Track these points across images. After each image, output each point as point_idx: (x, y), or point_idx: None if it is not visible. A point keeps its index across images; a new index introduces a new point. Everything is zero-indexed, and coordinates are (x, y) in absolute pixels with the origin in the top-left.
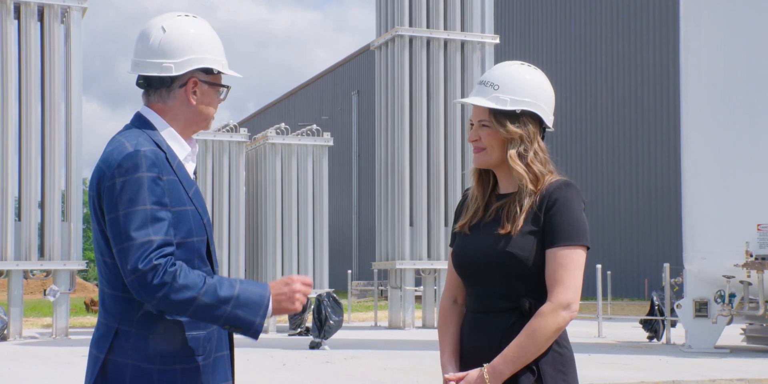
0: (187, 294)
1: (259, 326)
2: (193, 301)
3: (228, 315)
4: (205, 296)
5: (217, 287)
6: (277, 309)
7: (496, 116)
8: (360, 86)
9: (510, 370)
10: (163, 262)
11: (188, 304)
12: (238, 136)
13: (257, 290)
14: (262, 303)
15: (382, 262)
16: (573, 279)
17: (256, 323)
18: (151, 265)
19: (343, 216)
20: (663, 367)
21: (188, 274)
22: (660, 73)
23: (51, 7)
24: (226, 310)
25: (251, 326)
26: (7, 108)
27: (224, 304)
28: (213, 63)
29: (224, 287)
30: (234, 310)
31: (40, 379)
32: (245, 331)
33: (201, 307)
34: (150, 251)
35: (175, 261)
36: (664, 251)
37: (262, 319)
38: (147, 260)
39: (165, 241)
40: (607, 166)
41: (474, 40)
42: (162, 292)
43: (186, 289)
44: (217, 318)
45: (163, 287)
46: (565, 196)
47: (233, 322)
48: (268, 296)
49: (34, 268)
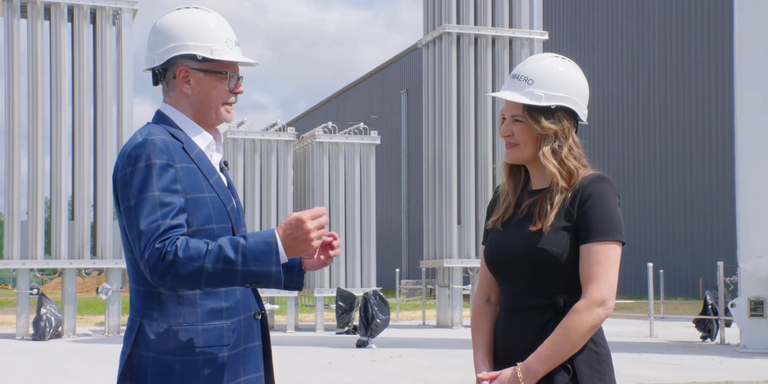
0: (194, 266)
1: (278, 274)
2: (201, 270)
3: (242, 274)
4: (210, 263)
5: (221, 250)
6: (292, 252)
7: (530, 112)
8: (409, 85)
9: (544, 369)
10: (165, 244)
11: (198, 275)
12: (286, 136)
13: (262, 239)
14: (271, 250)
15: (430, 260)
16: (608, 275)
17: (273, 272)
18: (153, 248)
19: (393, 215)
20: (716, 367)
21: (188, 247)
22: (714, 69)
23: (103, 9)
24: (237, 270)
25: (270, 277)
26: (61, 110)
27: (233, 265)
28: (197, 49)
29: (228, 248)
30: (246, 267)
31: (92, 376)
32: (267, 283)
33: (212, 275)
34: (155, 237)
35: (177, 238)
36: (719, 249)
37: (278, 266)
38: (150, 247)
39: (171, 224)
40: (660, 163)
41: (522, 36)
42: (170, 273)
43: (190, 261)
44: (232, 280)
45: (169, 268)
46: (599, 191)
47: (251, 279)
48: (275, 242)
49: (87, 267)
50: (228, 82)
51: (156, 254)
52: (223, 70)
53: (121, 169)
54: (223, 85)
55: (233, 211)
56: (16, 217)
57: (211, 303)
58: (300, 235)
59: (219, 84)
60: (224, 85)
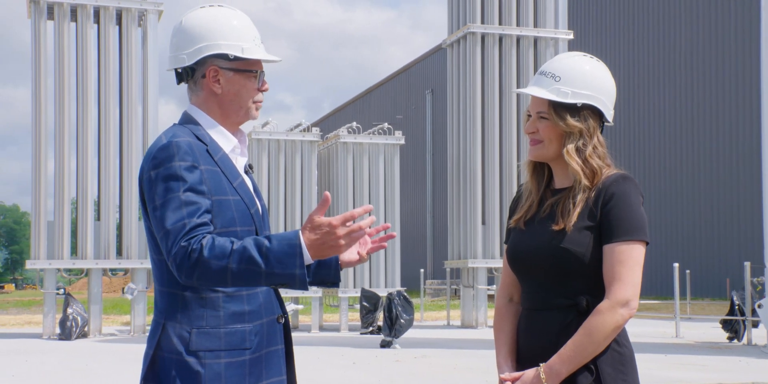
0: (219, 264)
1: (302, 276)
2: (226, 270)
3: (266, 275)
4: (235, 263)
5: (245, 250)
6: (320, 255)
7: (556, 109)
8: (434, 85)
9: (567, 370)
10: (191, 242)
11: (223, 274)
12: (311, 136)
13: (286, 242)
14: (295, 253)
15: (454, 260)
16: (632, 275)
17: (297, 275)
18: (179, 246)
19: (418, 215)
20: (743, 368)
21: (214, 246)
22: (741, 67)
23: (128, 10)
24: (261, 272)
25: (294, 279)
26: (87, 111)
27: (257, 266)
28: (228, 48)
29: (252, 249)
30: (269, 269)
31: (117, 376)
32: (291, 285)
33: (237, 274)
34: (181, 236)
35: (203, 236)
36: (746, 249)
37: (302, 269)
38: (176, 245)
39: (197, 223)
40: (687, 163)
41: (547, 36)
42: (197, 272)
43: (216, 259)
44: (257, 280)
45: (195, 266)
46: (622, 190)
47: (275, 281)
48: (299, 244)
49: (113, 267)
50: (257, 80)
51: (182, 252)
52: (253, 69)
53: (146, 170)
54: (252, 83)
55: (257, 214)
56: (42, 218)
57: (233, 306)
58: (329, 241)
59: (248, 82)
60: (253, 83)
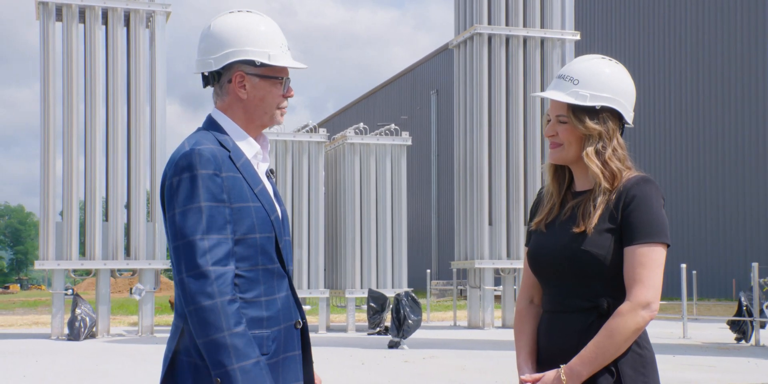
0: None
1: None
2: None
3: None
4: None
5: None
6: None
7: (575, 112)
8: (439, 85)
9: (588, 372)
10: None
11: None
12: (318, 137)
13: None
14: None
15: (461, 261)
16: (653, 277)
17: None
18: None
19: (423, 215)
20: (751, 369)
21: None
22: (748, 68)
23: (137, 12)
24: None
25: None
26: (95, 111)
27: (229, 360)
28: (255, 55)
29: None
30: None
31: (126, 376)
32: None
33: (212, 344)
34: (200, 256)
35: (228, 278)
36: (753, 250)
37: None
38: (194, 266)
39: (218, 242)
40: (693, 164)
41: (554, 37)
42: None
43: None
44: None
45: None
46: (643, 193)
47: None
48: None
49: (121, 268)
50: (282, 86)
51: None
52: (278, 75)
53: (168, 177)
54: (277, 89)
55: (276, 220)
56: (51, 219)
57: (251, 312)
58: None
59: (274, 88)
60: (279, 89)
